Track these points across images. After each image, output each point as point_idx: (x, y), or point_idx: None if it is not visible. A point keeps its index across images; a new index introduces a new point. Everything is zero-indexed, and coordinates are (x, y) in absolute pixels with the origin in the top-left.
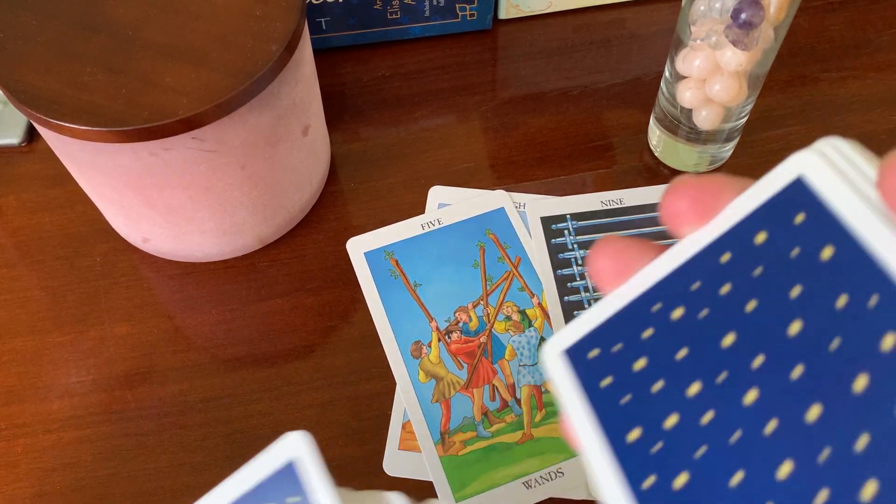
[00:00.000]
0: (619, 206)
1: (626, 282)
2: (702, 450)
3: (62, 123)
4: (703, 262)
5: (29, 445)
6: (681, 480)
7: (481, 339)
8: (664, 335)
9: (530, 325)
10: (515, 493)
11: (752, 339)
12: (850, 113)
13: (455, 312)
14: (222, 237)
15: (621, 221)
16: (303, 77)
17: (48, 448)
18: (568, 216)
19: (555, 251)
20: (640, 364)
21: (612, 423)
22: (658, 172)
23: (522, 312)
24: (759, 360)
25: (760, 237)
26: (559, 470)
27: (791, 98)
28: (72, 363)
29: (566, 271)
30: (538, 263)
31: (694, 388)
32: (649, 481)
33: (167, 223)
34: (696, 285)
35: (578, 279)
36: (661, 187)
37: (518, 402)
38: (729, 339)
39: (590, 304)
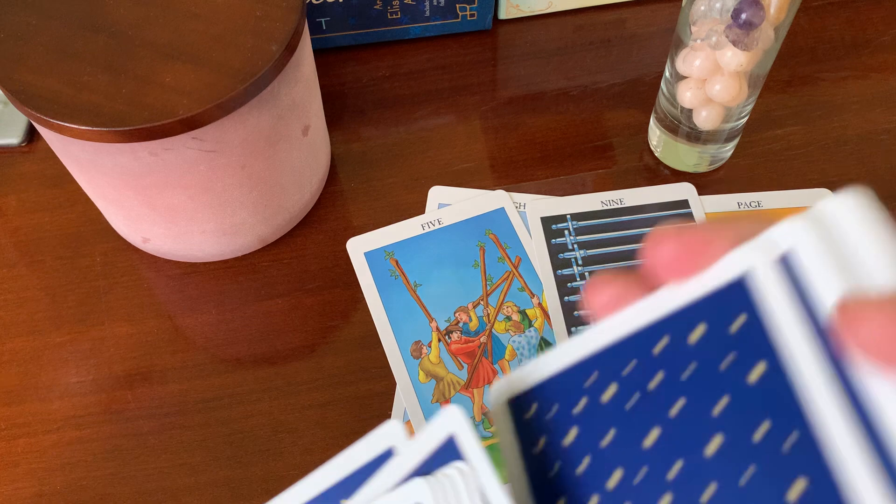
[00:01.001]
0: (619, 206)
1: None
2: None
3: (62, 123)
4: (640, 342)
5: (29, 445)
6: None
7: (481, 340)
8: (596, 412)
9: (530, 325)
10: None
11: (673, 445)
12: (850, 113)
13: (455, 312)
14: (222, 237)
15: (621, 221)
16: (303, 77)
17: (48, 448)
18: (568, 216)
19: (555, 251)
20: (571, 435)
21: (541, 489)
22: (658, 172)
23: (522, 312)
24: (676, 469)
25: (697, 333)
26: None
27: (791, 98)
28: (72, 363)
29: (566, 271)
30: (538, 263)
31: (614, 480)
32: None
33: (167, 223)
34: (630, 367)
35: (578, 279)
36: (662, 187)
37: None
38: (652, 437)
39: None
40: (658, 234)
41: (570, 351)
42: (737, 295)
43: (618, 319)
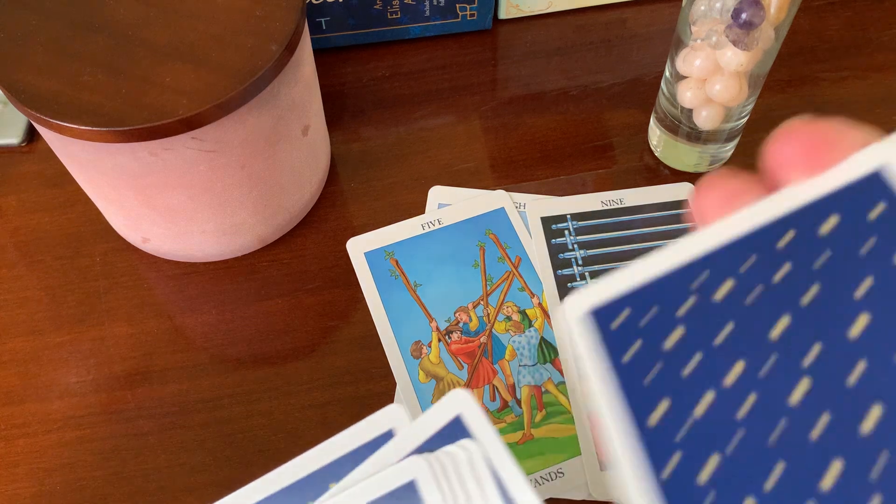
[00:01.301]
0: (620, 206)
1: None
2: (735, 441)
3: (62, 123)
4: (762, 238)
5: (29, 445)
6: (707, 472)
7: (481, 340)
8: (707, 309)
9: (530, 325)
10: None
11: (809, 330)
12: (850, 113)
13: (455, 312)
14: (222, 237)
15: (621, 221)
16: (303, 77)
17: (48, 448)
18: (568, 216)
19: (555, 251)
20: (675, 336)
21: (636, 396)
22: (658, 172)
23: (522, 312)
24: (813, 354)
25: (830, 224)
26: (559, 470)
27: (791, 98)
28: (71, 363)
29: (566, 271)
30: (538, 263)
31: (735, 372)
32: (671, 467)
33: (167, 223)
34: (750, 261)
35: (578, 279)
36: (662, 187)
37: (518, 402)
38: (781, 325)
39: None
40: (785, 129)
41: (671, 255)
42: (873, 186)
43: (732, 220)
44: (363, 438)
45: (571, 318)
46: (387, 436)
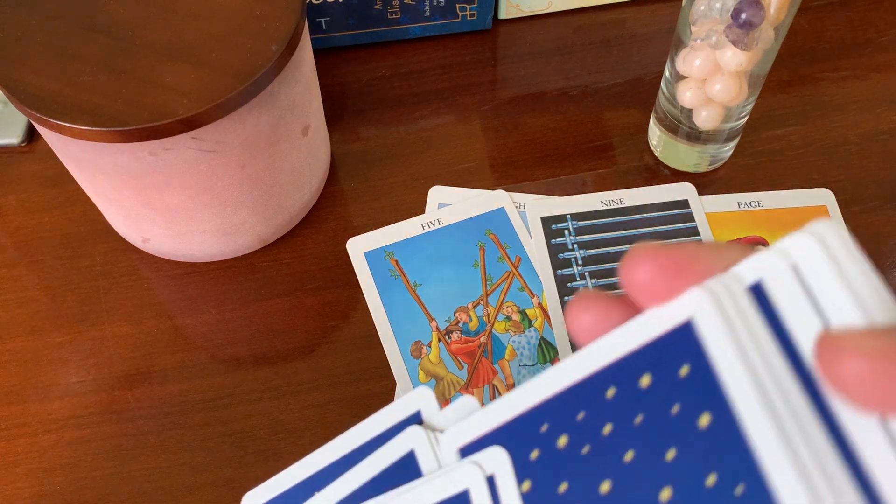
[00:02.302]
0: (619, 206)
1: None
2: None
3: (62, 123)
4: (590, 390)
5: (29, 445)
6: None
7: (481, 339)
8: (549, 463)
9: (530, 325)
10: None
11: (625, 494)
12: (850, 113)
13: (455, 312)
14: (222, 237)
15: (621, 221)
16: (303, 77)
17: (48, 448)
18: (568, 216)
19: (555, 251)
20: (525, 487)
21: None
22: (658, 172)
23: (522, 312)
24: None
25: (645, 381)
26: None
27: (791, 98)
28: (72, 363)
29: (566, 271)
30: (538, 263)
31: None
32: None
33: (167, 223)
34: (581, 416)
35: (578, 279)
36: (662, 187)
37: None
38: (605, 487)
39: None
40: (635, 253)
41: (519, 399)
42: (685, 339)
43: (568, 364)
44: (389, 424)
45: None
46: (415, 418)
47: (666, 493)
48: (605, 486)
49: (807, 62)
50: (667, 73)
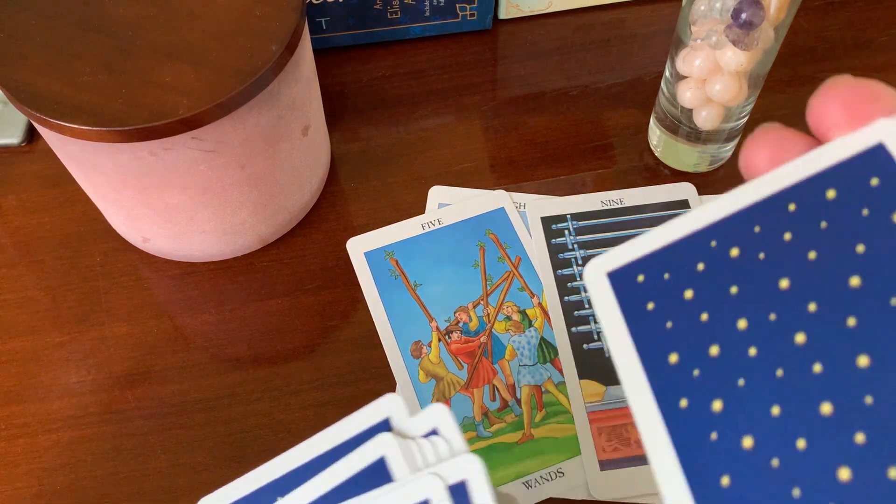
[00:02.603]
0: (620, 206)
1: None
2: (742, 381)
3: (62, 123)
4: (768, 207)
5: (29, 445)
6: (717, 405)
7: (481, 339)
8: (717, 270)
9: (530, 325)
10: (515, 493)
11: (809, 286)
12: None
13: (455, 312)
14: (222, 237)
15: (621, 221)
16: (303, 77)
17: (48, 448)
18: (568, 216)
19: (555, 251)
20: (687, 294)
21: (650, 345)
22: (658, 172)
23: (522, 312)
24: (813, 306)
25: (831, 193)
26: (559, 470)
27: (791, 98)
28: (71, 363)
29: (566, 271)
30: (538, 263)
31: (741, 324)
32: (683, 403)
33: (167, 223)
34: (757, 228)
35: (578, 279)
36: (662, 187)
37: (518, 402)
38: (784, 283)
39: (590, 305)
40: (828, 86)
41: (682, 225)
42: (875, 160)
43: (733, 196)
44: (358, 429)
45: (589, 279)
46: (383, 425)
47: (855, 280)
48: (785, 283)
49: (807, 62)
50: (667, 73)
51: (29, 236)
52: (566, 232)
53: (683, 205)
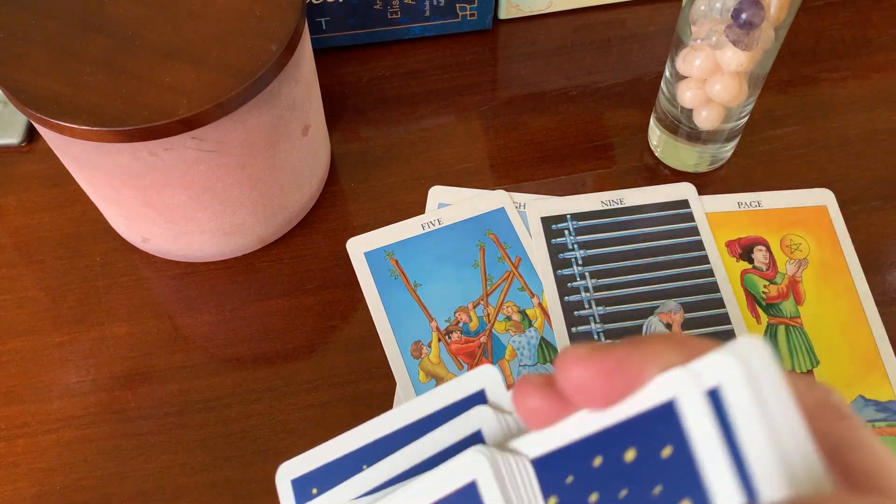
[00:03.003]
0: (619, 206)
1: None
2: None
3: (62, 123)
4: (577, 455)
5: (29, 445)
6: None
7: (481, 340)
8: None
9: (530, 325)
10: None
11: None
12: (850, 113)
13: (455, 312)
14: (222, 237)
15: (621, 221)
16: (303, 77)
17: (48, 448)
18: (568, 216)
19: (555, 251)
20: None
21: None
22: (658, 172)
23: (522, 312)
24: None
25: (630, 455)
26: None
27: (791, 98)
28: (71, 363)
29: (566, 271)
30: (538, 263)
31: None
32: None
33: (167, 223)
34: (569, 480)
35: (578, 279)
36: (662, 187)
37: None
38: None
39: (590, 305)
40: (568, 356)
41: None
42: (667, 421)
43: (553, 430)
44: (454, 397)
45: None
46: (479, 396)
47: None
48: None
49: (807, 62)
50: (667, 73)
51: (29, 236)
52: (566, 232)
53: (683, 205)
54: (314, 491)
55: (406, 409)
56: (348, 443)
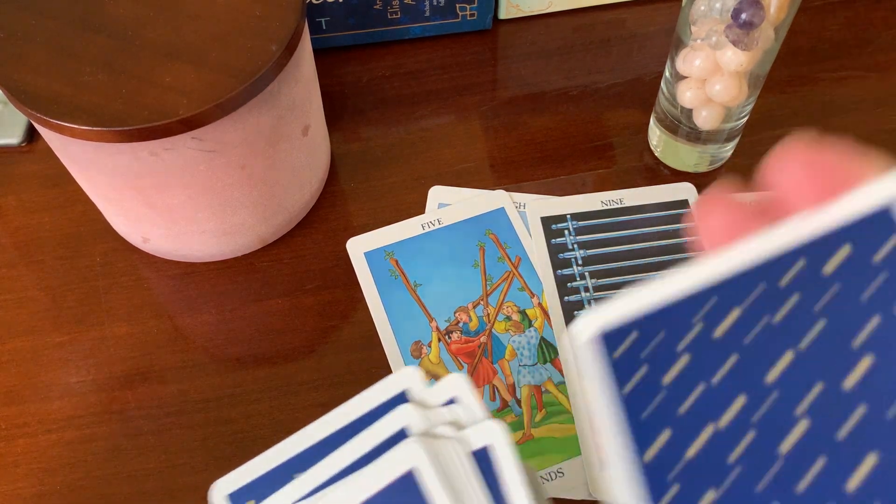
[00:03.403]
0: (619, 206)
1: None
2: (730, 481)
3: (62, 123)
4: (770, 269)
5: (29, 445)
6: (709, 497)
7: (481, 339)
8: (712, 340)
9: (530, 325)
10: None
11: (810, 371)
12: (850, 113)
13: (455, 312)
14: (222, 237)
15: (621, 221)
16: (303, 77)
17: (48, 448)
18: (568, 216)
19: (555, 251)
20: (679, 366)
21: (638, 427)
22: (658, 172)
23: (522, 312)
24: (812, 396)
25: (836, 260)
26: (559, 470)
27: (791, 98)
28: (71, 363)
29: (566, 271)
30: (538, 263)
31: (734, 409)
32: (671, 494)
33: (167, 223)
34: (756, 293)
35: (578, 279)
36: (662, 187)
37: (518, 402)
38: (783, 364)
39: (590, 305)
40: (787, 150)
41: (680, 280)
42: (882, 224)
43: (741, 248)
44: (376, 401)
45: (579, 342)
46: (401, 398)
47: (862, 367)
48: (783, 363)
49: (807, 62)
50: (667, 73)
51: (29, 236)
52: (566, 232)
53: (683, 205)
54: (251, 503)
55: (332, 417)
56: (280, 454)
